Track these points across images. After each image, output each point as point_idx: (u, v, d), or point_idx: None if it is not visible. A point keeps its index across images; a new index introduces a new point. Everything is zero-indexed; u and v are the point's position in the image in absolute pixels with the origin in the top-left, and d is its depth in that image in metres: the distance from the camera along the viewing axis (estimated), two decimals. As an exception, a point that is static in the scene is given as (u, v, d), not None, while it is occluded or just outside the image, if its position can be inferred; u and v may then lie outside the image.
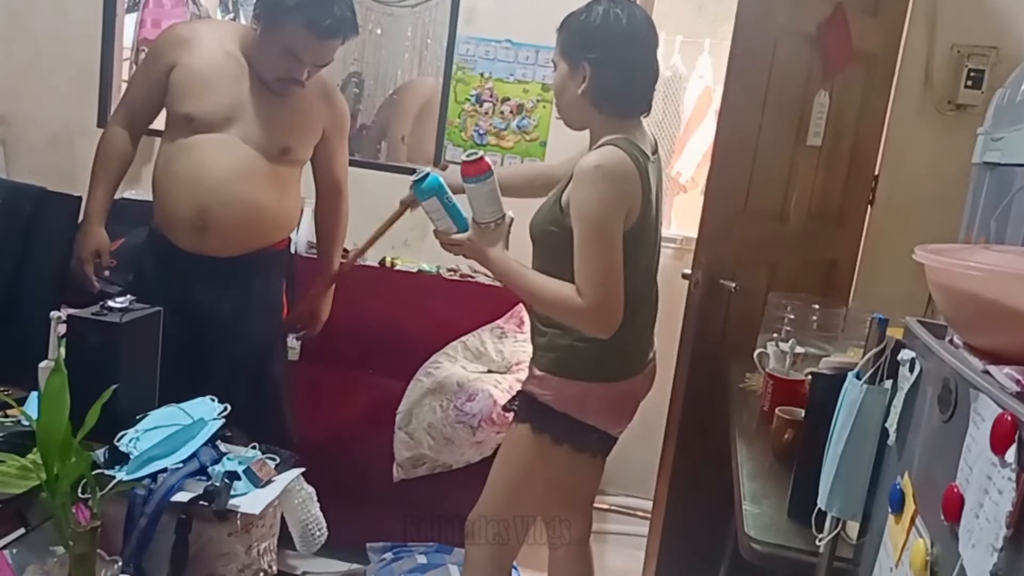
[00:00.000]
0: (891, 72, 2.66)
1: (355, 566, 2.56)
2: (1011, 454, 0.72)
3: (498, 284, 3.02)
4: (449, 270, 3.13)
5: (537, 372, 1.80)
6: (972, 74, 2.60)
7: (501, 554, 1.90)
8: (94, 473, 1.47)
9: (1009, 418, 0.74)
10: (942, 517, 0.84)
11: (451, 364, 2.78)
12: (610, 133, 1.70)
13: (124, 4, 3.29)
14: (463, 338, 2.88)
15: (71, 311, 1.79)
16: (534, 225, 1.77)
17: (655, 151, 1.80)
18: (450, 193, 1.73)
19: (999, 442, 0.74)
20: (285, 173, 2.25)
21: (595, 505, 2.17)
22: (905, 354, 1.09)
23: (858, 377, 1.16)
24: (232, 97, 2.16)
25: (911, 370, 1.06)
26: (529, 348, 1.89)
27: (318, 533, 1.81)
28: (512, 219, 1.75)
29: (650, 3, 3.08)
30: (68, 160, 3.31)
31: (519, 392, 1.88)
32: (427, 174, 1.70)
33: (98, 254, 2.28)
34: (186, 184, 2.15)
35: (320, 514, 1.83)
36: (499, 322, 2.90)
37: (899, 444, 1.08)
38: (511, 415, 1.89)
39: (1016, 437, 0.72)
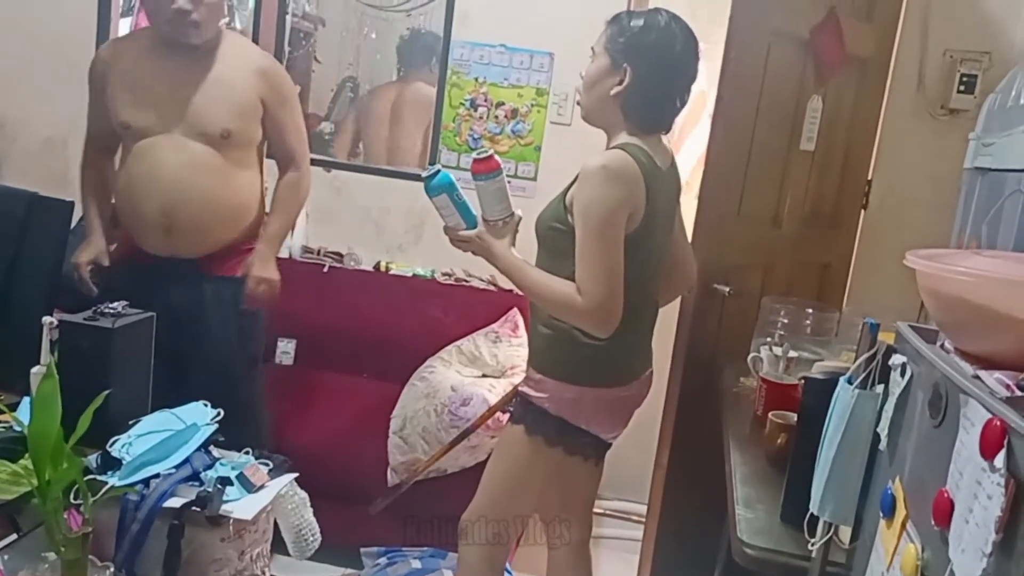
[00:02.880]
0: (884, 76, 2.67)
1: (349, 571, 2.55)
2: (1000, 459, 0.72)
3: (492, 288, 3.03)
4: (444, 274, 3.13)
5: (534, 374, 1.80)
6: (964, 79, 2.61)
7: (494, 554, 1.90)
8: (86, 479, 1.48)
9: (998, 423, 0.74)
10: (932, 522, 0.84)
11: (445, 368, 2.78)
12: (626, 140, 1.71)
13: (119, 8, 3.29)
14: (457, 342, 2.88)
15: (63, 316, 1.79)
16: (539, 222, 1.79)
17: (672, 163, 1.81)
18: (460, 190, 1.75)
19: (988, 447, 0.74)
20: (237, 157, 2.26)
21: (590, 509, 2.17)
22: (896, 359, 1.10)
23: (850, 382, 1.16)
24: (160, 95, 2.21)
25: (902, 375, 1.06)
26: (523, 352, 1.89)
27: (311, 538, 1.81)
28: (520, 217, 1.78)
29: (643, 7, 3.08)
30: (61, 163, 3.30)
31: (516, 392, 1.88)
32: (438, 171, 1.73)
33: (93, 262, 2.30)
34: (142, 190, 2.20)
35: (313, 519, 1.82)
36: (494, 326, 2.90)
37: (890, 449, 1.08)
38: (506, 417, 1.89)
39: (1005, 442, 0.72)
